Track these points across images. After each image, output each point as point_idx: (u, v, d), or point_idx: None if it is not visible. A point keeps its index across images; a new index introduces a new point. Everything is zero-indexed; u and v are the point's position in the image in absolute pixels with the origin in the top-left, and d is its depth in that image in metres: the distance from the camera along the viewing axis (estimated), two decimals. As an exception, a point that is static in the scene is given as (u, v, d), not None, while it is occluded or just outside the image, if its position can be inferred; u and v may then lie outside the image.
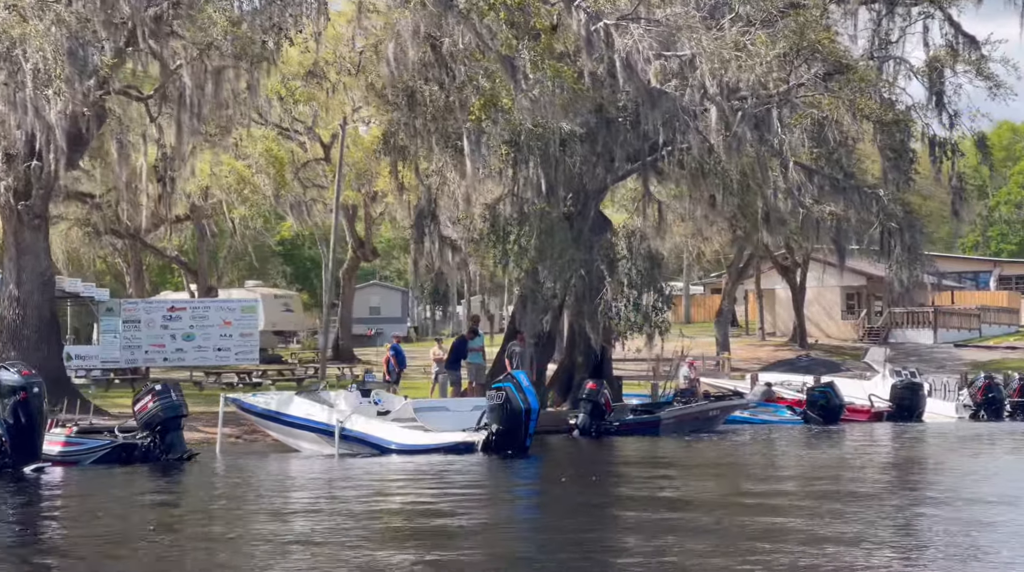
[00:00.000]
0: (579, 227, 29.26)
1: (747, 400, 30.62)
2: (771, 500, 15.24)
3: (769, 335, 64.68)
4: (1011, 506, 15.00)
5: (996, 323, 67.28)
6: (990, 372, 39.01)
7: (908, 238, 26.94)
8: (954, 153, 28.06)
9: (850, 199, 26.70)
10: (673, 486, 17.62)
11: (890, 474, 20.00)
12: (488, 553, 11.08)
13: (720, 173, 28.76)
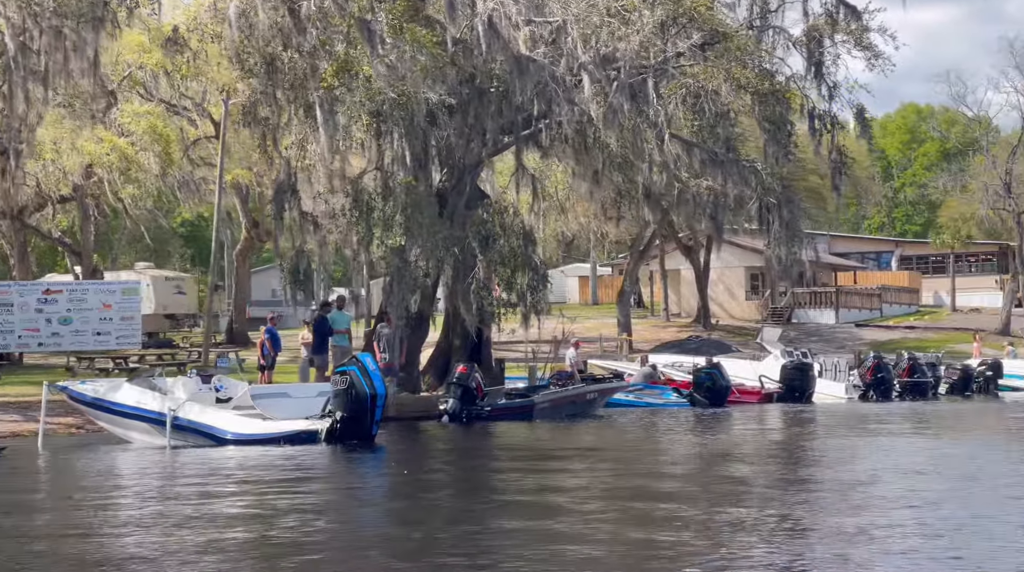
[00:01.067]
0: (454, 203, 27.59)
1: (628, 382, 29.13)
2: (621, 487, 13.81)
3: (674, 316, 63.62)
4: (871, 485, 13.74)
5: (897, 303, 66.85)
6: (879, 352, 38.09)
7: (786, 214, 25.58)
8: (834, 126, 26.79)
9: (728, 173, 25.28)
10: (520, 473, 16.12)
11: (758, 458, 18.66)
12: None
13: (602, 147, 27.25)
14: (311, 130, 24.46)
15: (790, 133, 25.66)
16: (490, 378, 29.41)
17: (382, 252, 24.93)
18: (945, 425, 25.64)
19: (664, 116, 24.27)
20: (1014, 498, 12.78)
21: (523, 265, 25.78)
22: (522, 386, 28.75)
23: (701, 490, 14.18)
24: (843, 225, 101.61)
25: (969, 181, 57.33)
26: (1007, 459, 17.86)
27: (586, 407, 27.03)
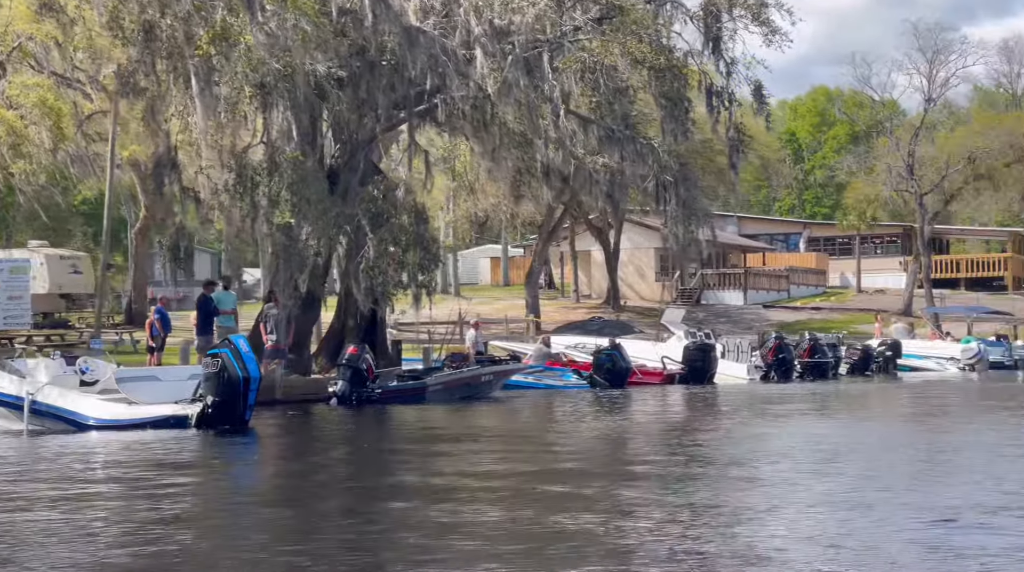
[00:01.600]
0: (347, 180, 26.61)
1: (525, 364, 28.40)
2: (498, 471, 13.06)
3: (584, 297, 63.10)
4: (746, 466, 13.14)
5: (804, 284, 67.02)
6: (781, 333, 37.79)
7: (683, 192, 24.97)
8: (731, 103, 26.22)
9: (625, 150, 24.60)
10: (401, 457, 15.31)
11: (646, 438, 18.05)
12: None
13: (500, 124, 26.40)
14: (191, 101, 23.29)
15: (687, 110, 25.05)
16: (385, 360, 28.57)
17: (267, 230, 23.87)
18: (835, 406, 25.28)
19: (560, 91, 23.50)
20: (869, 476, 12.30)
21: (414, 244, 24.89)
22: (411, 369, 27.96)
23: (583, 472, 13.51)
24: (754, 207, 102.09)
25: (874, 163, 57.43)
26: (877, 440, 17.45)
27: (481, 389, 26.27)
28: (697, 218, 25.83)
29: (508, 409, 24.44)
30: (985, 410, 24.50)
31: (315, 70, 23.38)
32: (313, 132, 24.82)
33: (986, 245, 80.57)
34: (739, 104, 27.14)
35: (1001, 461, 14.24)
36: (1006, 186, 58.25)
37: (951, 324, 50.75)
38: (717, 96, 25.86)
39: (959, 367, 41.17)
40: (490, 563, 8.09)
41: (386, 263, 24.34)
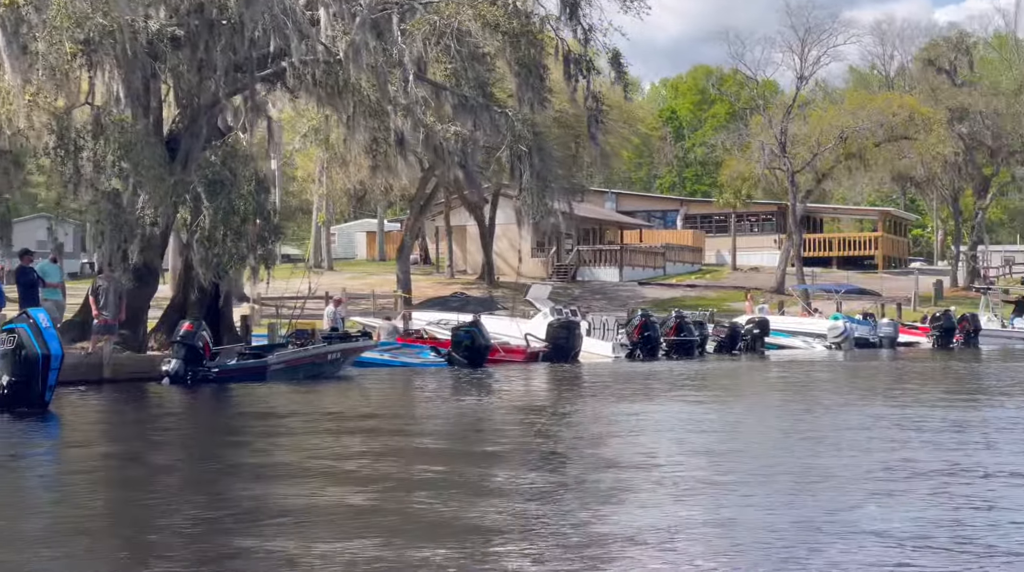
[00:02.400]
0: (188, 146, 24.97)
1: (376, 341, 27.10)
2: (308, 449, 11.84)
3: (460, 273, 61.98)
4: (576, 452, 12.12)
5: (680, 261, 66.79)
6: (647, 310, 37.05)
7: (537, 163, 23.84)
8: (589, 71, 25.16)
9: (479, 119, 23.39)
10: (220, 437, 13.97)
11: (489, 417, 16.98)
12: None
13: (353, 90, 24.92)
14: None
15: (542, 77, 23.90)
16: (230, 336, 27.05)
17: (92, 197, 22.15)
18: (691, 385, 24.45)
19: (410, 56, 22.18)
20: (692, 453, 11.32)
21: (254, 214, 23.39)
22: (253, 346, 26.47)
23: (413, 452, 12.36)
24: (635, 184, 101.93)
25: (748, 141, 57.19)
26: (717, 418, 16.59)
27: (328, 368, 24.90)
28: (551, 190, 24.72)
29: (352, 388, 23.13)
30: (840, 389, 23.95)
31: (147, 27, 21.70)
32: (147, 94, 23.12)
33: (859, 224, 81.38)
34: (598, 73, 26.12)
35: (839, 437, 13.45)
36: (876, 166, 58.47)
37: (822, 302, 50.77)
38: (575, 64, 24.79)
39: (826, 345, 40.99)
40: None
41: (222, 234, 22.79)
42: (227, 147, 23.48)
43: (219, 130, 26.44)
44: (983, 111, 58.63)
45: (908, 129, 56.69)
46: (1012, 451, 13.05)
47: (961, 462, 11.84)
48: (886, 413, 17.51)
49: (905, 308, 53.08)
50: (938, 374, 29.37)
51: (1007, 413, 17.70)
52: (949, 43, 64.02)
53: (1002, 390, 22.82)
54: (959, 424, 15.91)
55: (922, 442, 13.88)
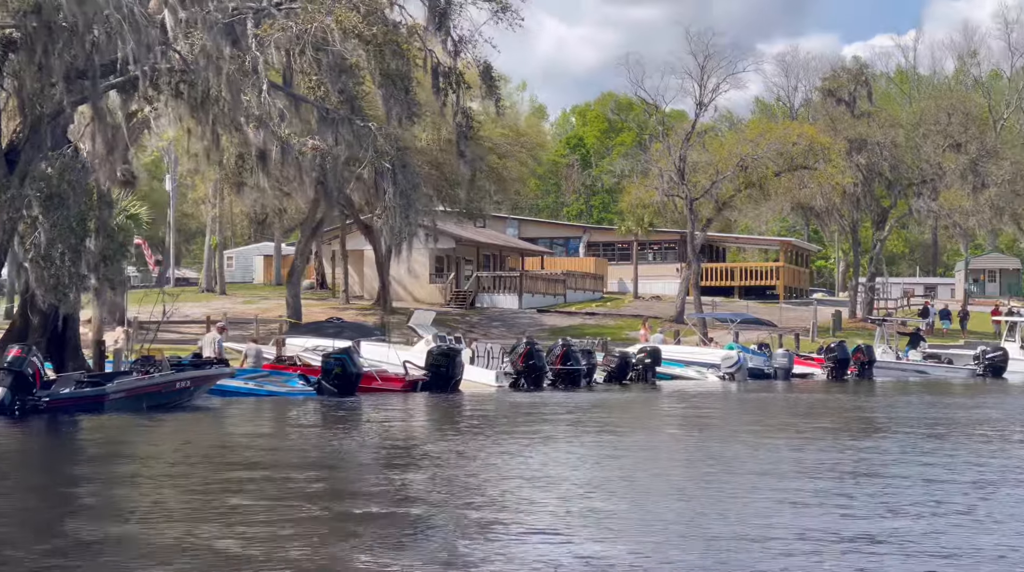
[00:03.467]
0: (29, 157, 23.06)
1: (233, 369, 25.27)
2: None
3: (357, 298, 60.17)
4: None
5: (582, 289, 65.64)
6: (532, 338, 35.62)
7: (402, 180, 22.31)
8: (459, 85, 23.73)
9: (341, 132, 21.81)
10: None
11: (326, 451, 15.38)
12: None
13: (216, 100, 23.19)
14: None
15: (407, 90, 22.38)
16: (76, 364, 25.10)
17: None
18: (565, 420, 23.01)
19: (264, 64, 20.57)
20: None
21: (96, 231, 21.55)
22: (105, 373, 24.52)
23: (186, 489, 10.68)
24: (543, 211, 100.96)
25: (650, 167, 56.26)
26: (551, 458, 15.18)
27: (177, 397, 23.05)
28: (416, 209, 23.17)
29: (196, 419, 21.33)
30: (707, 424, 22.72)
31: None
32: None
33: (765, 254, 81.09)
34: (468, 86, 24.70)
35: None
36: (776, 195, 57.84)
37: (719, 332, 49.84)
38: (444, 77, 23.35)
39: (719, 375, 39.92)
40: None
41: (60, 252, 20.92)
42: (64, 159, 21.58)
43: (69, 141, 24.59)
44: (881, 142, 58.36)
45: (807, 159, 56.16)
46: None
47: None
48: (738, 451, 16.24)
49: (804, 338, 52.39)
50: (816, 408, 28.31)
51: (836, 454, 16.51)
52: (849, 74, 63.83)
53: (862, 428, 21.74)
54: (795, 462, 14.66)
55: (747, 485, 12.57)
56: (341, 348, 28.59)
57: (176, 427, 20.05)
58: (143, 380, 22.34)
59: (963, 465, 15.05)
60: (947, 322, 58.84)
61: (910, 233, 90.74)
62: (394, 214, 22.55)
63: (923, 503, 11.58)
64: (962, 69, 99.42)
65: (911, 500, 11.72)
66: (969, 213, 59.00)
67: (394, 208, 22.41)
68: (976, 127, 64.13)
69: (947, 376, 44.15)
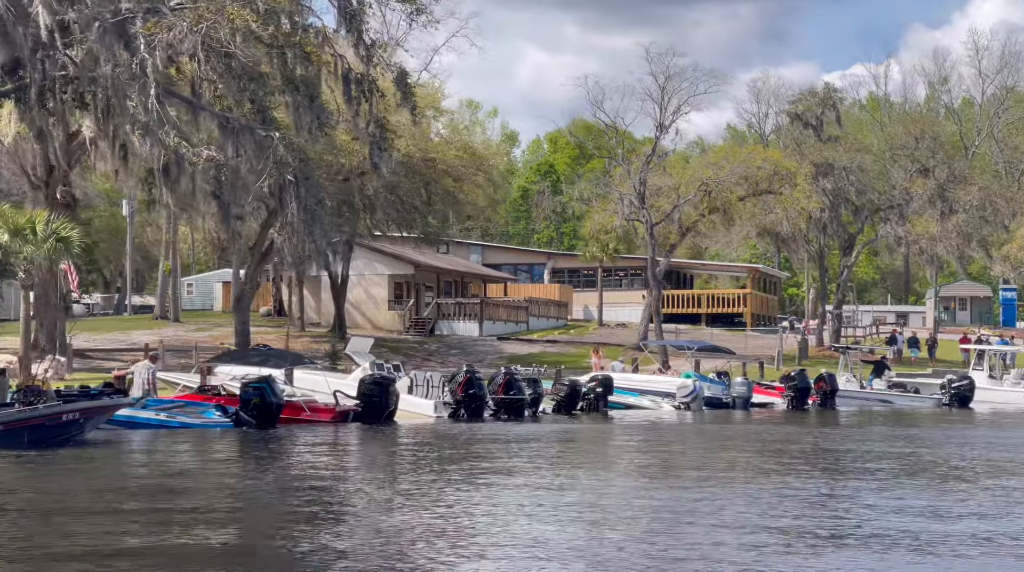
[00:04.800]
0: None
1: (128, 398, 23.11)
2: None
3: (313, 325, 58.02)
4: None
5: (545, 316, 63.69)
6: (472, 366, 33.61)
7: (304, 194, 20.30)
8: (372, 92, 21.78)
9: (242, 143, 19.83)
10: None
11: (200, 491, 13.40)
12: None
13: (123, 109, 21.20)
14: None
15: (311, 96, 20.39)
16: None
17: None
18: (495, 454, 20.98)
19: (152, 65, 18.60)
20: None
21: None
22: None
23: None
24: (513, 238, 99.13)
25: (611, 191, 54.41)
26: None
27: (64, 430, 20.91)
28: (322, 226, 21.12)
29: (82, 456, 19.23)
30: (642, 459, 20.72)
31: None
32: None
33: (736, 281, 79.27)
34: (382, 95, 22.75)
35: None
36: (741, 220, 56.05)
37: (679, 360, 47.89)
38: (356, 84, 21.41)
39: (674, 405, 37.94)
40: None
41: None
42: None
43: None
44: (847, 166, 56.68)
45: (772, 183, 54.43)
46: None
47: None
48: (653, 491, 14.26)
49: (769, 367, 50.49)
50: (769, 441, 26.33)
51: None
52: (816, 97, 62.17)
53: (816, 464, 19.77)
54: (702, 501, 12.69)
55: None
56: (260, 377, 26.51)
57: (39, 467, 17.96)
58: (22, 412, 20.22)
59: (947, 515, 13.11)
60: (915, 350, 56.98)
61: (881, 260, 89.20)
62: (296, 232, 20.47)
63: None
64: (933, 96, 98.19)
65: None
66: (937, 239, 57.28)
67: (294, 225, 20.34)
68: (945, 152, 62.58)
69: (912, 405, 42.24)
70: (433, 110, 49.82)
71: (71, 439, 21.02)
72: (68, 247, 36.38)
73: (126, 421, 24.84)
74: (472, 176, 49.57)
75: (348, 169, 44.41)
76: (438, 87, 53.59)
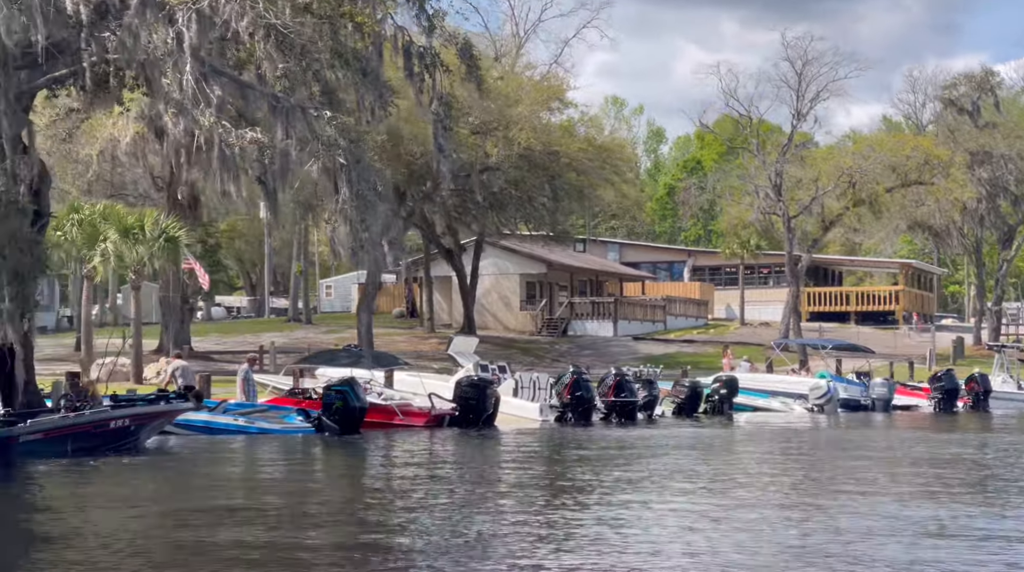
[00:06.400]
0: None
1: (190, 404, 21.31)
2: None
3: (445, 326, 56.28)
4: None
5: (684, 315, 60.61)
6: (579, 367, 31.03)
7: (355, 178, 18.11)
8: (435, 66, 19.51)
9: (292, 124, 17.83)
10: None
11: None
12: None
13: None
14: None
15: (365, 71, 18.21)
16: (26, 401, 21.49)
17: None
18: (589, 462, 18.44)
19: (190, 38, 16.77)
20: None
21: (11, 243, 17.96)
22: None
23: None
24: (660, 237, 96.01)
25: (742, 184, 51.13)
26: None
27: (115, 438, 19.20)
28: (374, 212, 18.89)
29: (118, 469, 17.46)
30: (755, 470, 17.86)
31: None
32: None
33: (891, 278, 74.63)
34: (447, 70, 20.48)
35: None
36: (889, 213, 51.99)
37: (819, 361, 44.33)
38: (418, 58, 19.21)
39: (806, 407, 34.70)
40: None
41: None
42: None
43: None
44: (1006, 154, 52.06)
45: (923, 173, 50.27)
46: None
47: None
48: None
49: (920, 367, 46.49)
50: (904, 449, 23.04)
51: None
52: (972, 82, 57.50)
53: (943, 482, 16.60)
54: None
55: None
56: (343, 379, 24.54)
57: (77, 479, 16.24)
58: (65, 418, 18.58)
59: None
60: (1085, 349, 51.94)
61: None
62: (346, 219, 18.34)
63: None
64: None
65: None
66: (1107, 229, 52.20)
67: (347, 214, 18.21)
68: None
69: (1078, 408, 37.94)
70: (559, 102, 47.45)
71: (125, 447, 19.35)
72: (177, 247, 35.37)
73: (202, 426, 23.21)
74: (598, 170, 46.99)
75: (469, 164, 42.46)
76: (563, 78, 51.12)
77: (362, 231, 18.55)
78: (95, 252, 33.35)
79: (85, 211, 33.61)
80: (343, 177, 17.83)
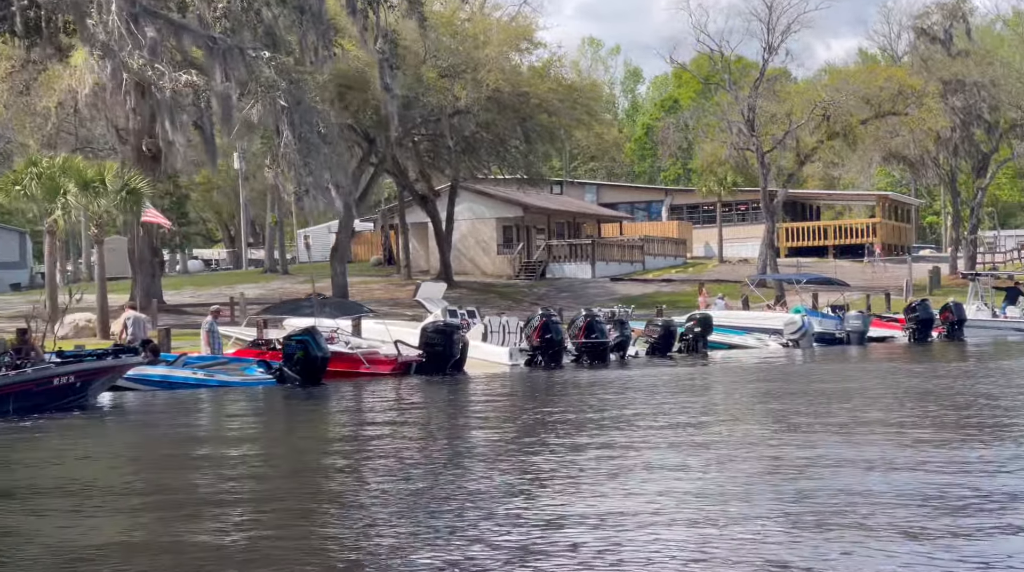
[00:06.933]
0: None
1: (138, 358, 20.56)
2: None
3: (422, 273, 55.54)
4: None
5: (663, 255, 59.98)
6: (548, 309, 30.33)
7: (299, 122, 17.24)
8: (378, 2, 18.60)
9: (230, 66, 16.93)
10: None
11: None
12: None
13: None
14: None
15: (303, 8, 17.29)
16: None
17: None
18: (551, 403, 17.80)
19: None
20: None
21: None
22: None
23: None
24: (640, 177, 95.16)
25: (714, 120, 50.24)
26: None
27: (59, 396, 18.45)
28: (318, 155, 18.05)
29: (47, 428, 16.74)
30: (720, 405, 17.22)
31: None
32: None
33: (870, 211, 73.97)
34: (391, 7, 19.55)
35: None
36: (864, 145, 51.20)
37: (795, 296, 43.77)
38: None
39: (781, 342, 34.18)
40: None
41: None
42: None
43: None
44: (979, 81, 51.22)
45: (896, 104, 49.48)
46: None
47: None
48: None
49: (897, 298, 46.00)
50: (871, 379, 22.41)
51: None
52: (944, 10, 56.48)
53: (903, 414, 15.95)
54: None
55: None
56: (303, 329, 23.84)
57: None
58: (5, 377, 17.82)
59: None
60: (1061, 274, 51.48)
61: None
62: (290, 164, 17.49)
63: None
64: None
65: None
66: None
67: (288, 157, 17.36)
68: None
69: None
70: (528, 43, 46.40)
71: (72, 405, 18.64)
72: (139, 199, 34.47)
73: (160, 381, 22.53)
74: (570, 111, 46.07)
75: (439, 108, 41.54)
76: (531, 18, 50.00)
77: (306, 175, 17.68)
78: (56, 205, 32.47)
79: (43, 164, 32.66)
80: (284, 120, 17.00)
